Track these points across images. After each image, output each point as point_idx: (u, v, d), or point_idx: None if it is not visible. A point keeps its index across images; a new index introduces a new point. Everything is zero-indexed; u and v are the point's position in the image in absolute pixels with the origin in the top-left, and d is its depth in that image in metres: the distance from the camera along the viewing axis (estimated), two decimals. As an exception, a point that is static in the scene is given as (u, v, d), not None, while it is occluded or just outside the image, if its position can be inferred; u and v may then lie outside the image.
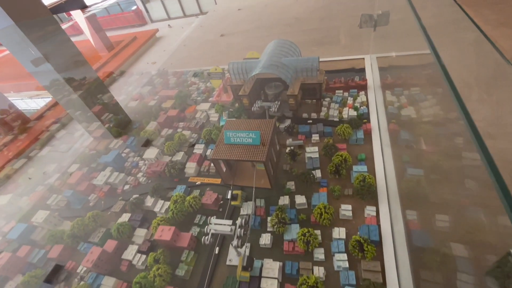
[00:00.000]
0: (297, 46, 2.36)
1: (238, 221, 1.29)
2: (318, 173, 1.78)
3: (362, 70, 2.66)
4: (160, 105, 2.93)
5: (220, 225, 1.26)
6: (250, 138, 1.53)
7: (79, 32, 5.31)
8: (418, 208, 1.50)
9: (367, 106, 2.20)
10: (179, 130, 2.55)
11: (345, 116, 2.16)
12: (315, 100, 2.29)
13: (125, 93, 3.41)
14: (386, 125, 2.02)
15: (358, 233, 1.46)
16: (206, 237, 1.26)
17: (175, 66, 4.06)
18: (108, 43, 4.99)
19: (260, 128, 1.65)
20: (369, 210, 1.53)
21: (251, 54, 2.92)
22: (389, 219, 1.48)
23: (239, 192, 1.74)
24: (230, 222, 1.28)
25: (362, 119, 2.08)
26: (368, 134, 1.99)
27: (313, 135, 2.07)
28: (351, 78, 2.44)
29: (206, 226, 1.33)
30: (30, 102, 4.48)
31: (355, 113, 2.14)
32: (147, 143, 2.44)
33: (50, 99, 3.77)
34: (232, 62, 2.27)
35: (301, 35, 4.04)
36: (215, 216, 1.36)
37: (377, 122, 2.05)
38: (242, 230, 1.24)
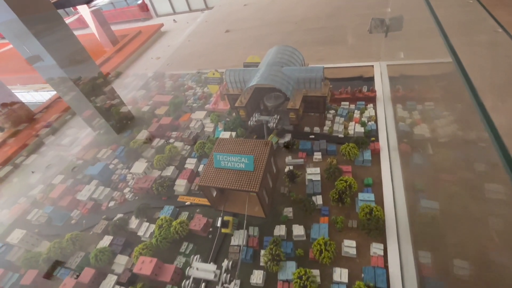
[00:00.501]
0: (301, 53, 2.16)
1: (224, 264, 1.11)
2: (319, 199, 1.60)
3: (371, 79, 2.45)
4: (153, 112, 2.76)
5: (203, 271, 1.08)
6: (243, 163, 1.35)
7: (85, 25, 5.23)
8: (433, 250, 1.31)
9: (376, 121, 2.00)
10: (171, 140, 2.37)
11: (351, 132, 1.97)
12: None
13: (119, 97, 3.24)
14: (397, 145, 1.82)
15: (363, 275, 1.28)
16: (187, 282, 1.09)
17: (174, 67, 3.89)
18: (113, 37, 4.92)
19: (255, 150, 1.47)
20: (376, 248, 1.34)
21: (252, 59, 2.72)
22: (399, 262, 1.29)
23: (230, 218, 1.57)
24: (214, 267, 1.11)
25: (369, 137, 1.88)
26: (376, 154, 1.79)
27: (315, 153, 1.88)
28: (359, 89, 2.23)
29: (188, 268, 1.16)
30: (36, 95, 4.52)
31: (362, 129, 1.94)
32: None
33: (54, 93, 3.65)
34: (229, 70, 2.08)
35: (307, 34, 3.83)
36: (198, 256, 1.19)
37: (387, 141, 1.85)
38: (229, 276, 1.06)
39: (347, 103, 2.20)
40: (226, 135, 2.05)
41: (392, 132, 1.91)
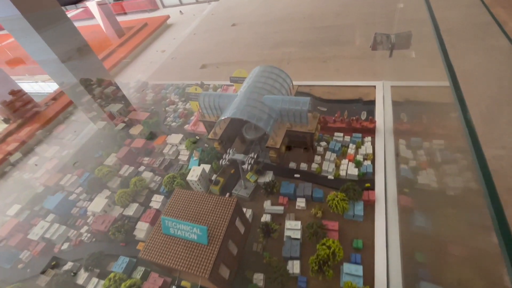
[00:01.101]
0: (288, 76, 1.85)
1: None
2: (296, 266, 1.32)
3: (371, 103, 2.13)
4: (127, 131, 2.49)
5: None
6: (195, 234, 1.07)
7: (91, 15, 5.15)
8: None
9: (373, 161, 1.69)
10: (142, 168, 2.11)
11: (343, 172, 1.67)
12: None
13: (96, 109, 2.99)
14: (396, 196, 1.52)
15: None
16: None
17: (177, 61, 3.74)
18: (118, 29, 4.83)
19: (216, 210, 1.19)
20: None
21: (239, 73, 2.43)
22: None
23: (187, 284, 1.31)
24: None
25: (363, 182, 1.59)
26: (370, 205, 1.49)
27: (298, 199, 1.60)
28: (356, 118, 1.92)
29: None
30: (45, 86, 4.49)
31: (356, 171, 1.64)
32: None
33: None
34: (203, 93, 1.79)
35: (313, 33, 3.54)
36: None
37: (384, 189, 1.55)
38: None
39: (342, 134, 1.89)
40: (198, 170, 1.77)
41: (392, 177, 1.60)
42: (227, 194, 1.75)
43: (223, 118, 1.57)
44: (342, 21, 3.62)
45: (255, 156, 1.57)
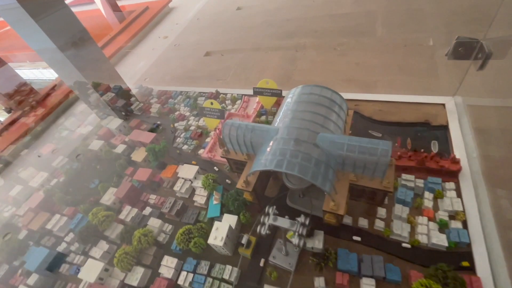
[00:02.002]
0: (344, 100, 1.37)
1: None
2: None
3: (443, 128, 1.64)
4: (128, 155, 2.04)
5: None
6: None
7: (91, 0, 4.93)
8: None
9: (465, 223, 1.23)
10: (147, 211, 1.67)
11: (422, 238, 1.21)
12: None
13: (91, 122, 2.53)
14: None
15: None
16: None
17: (181, 49, 3.45)
18: (119, 13, 4.55)
19: None
20: None
21: (264, 84, 1.94)
22: None
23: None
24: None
25: (457, 257, 1.13)
26: (473, 297, 1.04)
27: (364, 279, 1.15)
28: (430, 155, 1.43)
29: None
30: (46, 72, 4.42)
31: (443, 239, 1.18)
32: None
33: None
34: (229, 123, 1.32)
35: (328, 22, 3.08)
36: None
37: (490, 272, 1.09)
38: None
39: (413, 176, 1.42)
40: (223, 228, 1.32)
41: (498, 253, 1.14)
42: (262, 262, 1.31)
43: (261, 169, 1.11)
44: (361, 7, 3.11)
45: (307, 222, 1.12)
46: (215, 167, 1.80)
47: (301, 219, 1.09)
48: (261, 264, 1.30)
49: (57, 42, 2.29)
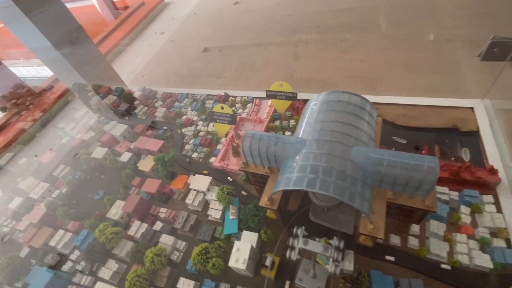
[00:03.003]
0: (373, 107, 1.26)
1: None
2: None
3: (473, 134, 1.53)
4: (135, 164, 1.92)
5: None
6: None
7: None
8: None
9: (509, 241, 1.13)
10: (157, 225, 1.56)
11: (463, 258, 1.12)
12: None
13: (92, 128, 2.40)
14: None
15: None
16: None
17: (179, 44, 3.41)
18: (114, 10, 4.50)
19: None
20: None
21: (278, 87, 1.82)
22: None
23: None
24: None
25: (505, 280, 1.04)
26: (525, 327, 0.95)
27: (402, 305, 1.05)
28: (466, 165, 1.33)
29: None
30: (40, 70, 4.33)
31: (487, 259, 1.08)
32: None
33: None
34: (250, 133, 1.20)
35: (330, 17, 2.99)
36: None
37: (544, 298, 1.00)
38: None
39: (446, 189, 1.32)
40: (244, 249, 1.21)
41: (550, 276, 1.04)
42: (287, 284, 1.21)
43: (290, 188, 1.00)
44: (363, 2, 3.01)
45: (341, 246, 1.01)
46: (228, 177, 1.69)
47: (335, 242, 0.99)
48: (286, 287, 1.20)
49: (52, 39, 2.24)
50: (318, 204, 1.16)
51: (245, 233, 1.32)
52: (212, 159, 1.81)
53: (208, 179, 1.62)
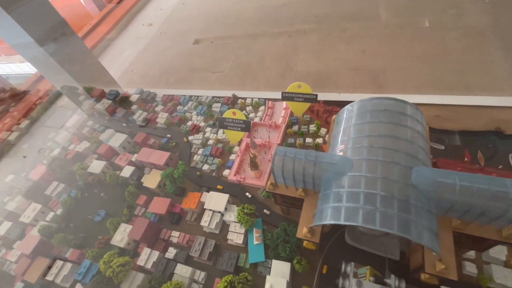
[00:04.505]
0: (423, 115, 1.08)
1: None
2: None
3: (518, 137, 1.38)
4: (138, 180, 1.72)
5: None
6: None
7: None
8: None
9: None
10: (170, 253, 1.38)
11: (532, 288, 0.97)
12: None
13: (87, 137, 2.17)
14: None
15: None
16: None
17: (169, 36, 3.21)
18: (99, 1, 4.30)
19: None
20: None
21: (296, 88, 1.63)
22: None
23: None
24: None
25: None
26: None
27: None
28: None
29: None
30: (23, 66, 4.15)
31: (562, 291, 0.94)
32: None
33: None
34: (282, 152, 1.01)
35: (328, 6, 2.83)
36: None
37: None
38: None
39: (500, 204, 1.16)
40: (275, 282, 1.05)
41: None
42: (330, 324, 1.05)
43: (341, 223, 0.82)
44: None
45: (403, 286, 0.85)
46: (247, 193, 1.51)
47: (395, 281, 0.83)
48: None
49: (34, 35, 2.12)
50: (366, 232, 1.00)
51: (276, 264, 1.15)
52: (226, 172, 1.62)
53: (225, 197, 1.43)
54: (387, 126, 0.98)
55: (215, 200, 1.43)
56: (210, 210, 1.43)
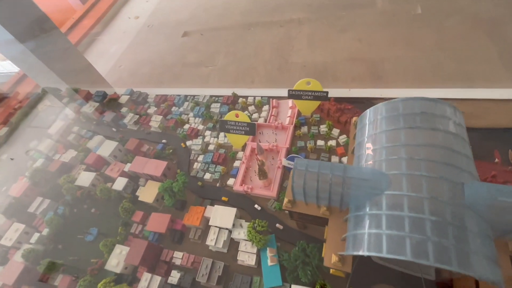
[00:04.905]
0: (462, 117, 0.94)
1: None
2: None
3: (552, 134, 1.26)
4: (133, 193, 1.55)
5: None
6: None
7: None
8: None
9: None
10: (174, 278, 1.22)
11: None
12: None
13: (73, 145, 1.97)
14: None
15: None
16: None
17: (155, 29, 3.03)
18: None
19: None
20: None
21: (304, 85, 1.47)
22: None
23: None
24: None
25: None
26: None
27: None
28: None
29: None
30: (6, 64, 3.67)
31: None
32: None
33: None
34: (303, 165, 0.86)
35: None
36: None
37: None
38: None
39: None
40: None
41: None
42: None
43: (382, 256, 0.68)
44: None
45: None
46: (255, 205, 1.36)
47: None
48: None
49: (14, 31, 1.98)
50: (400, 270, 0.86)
51: (295, 289, 1.01)
52: (231, 181, 1.47)
53: (232, 211, 1.28)
54: (427, 133, 0.84)
55: (221, 216, 1.28)
56: (216, 227, 1.28)
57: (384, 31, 2.06)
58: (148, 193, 1.47)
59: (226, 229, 1.27)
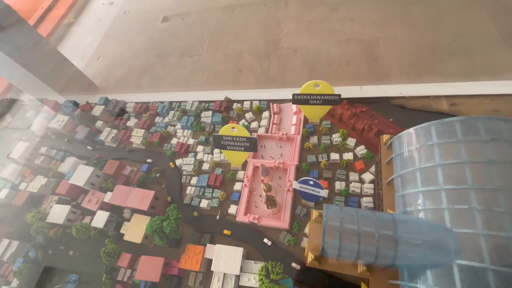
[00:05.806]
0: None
1: None
2: None
3: None
4: (117, 229, 1.30)
5: None
6: None
7: None
8: None
9: None
10: (175, 338, 1.02)
11: None
12: None
13: (42, 170, 1.68)
14: None
15: None
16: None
17: (135, 14, 2.75)
18: None
19: None
20: None
21: (311, 87, 1.23)
22: None
23: None
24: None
25: None
26: None
27: None
28: None
29: None
30: None
31: None
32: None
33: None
34: (334, 215, 0.64)
35: None
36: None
37: None
38: None
39: None
40: None
41: None
42: None
43: None
44: None
45: None
46: (265, 239, 1.14)
47: None
48: None
49: None
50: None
51: None
52: (232, 209, 1.24)
53: (238, 252, 1.06)
54: (504, 167, 0.62)
55: (226, 258, 1.06)
56: (219, 272, 1.06)
57: (377, 9, 1.89)
58: (134, 230, 1.23)
59: (234, 276, 1.05)
